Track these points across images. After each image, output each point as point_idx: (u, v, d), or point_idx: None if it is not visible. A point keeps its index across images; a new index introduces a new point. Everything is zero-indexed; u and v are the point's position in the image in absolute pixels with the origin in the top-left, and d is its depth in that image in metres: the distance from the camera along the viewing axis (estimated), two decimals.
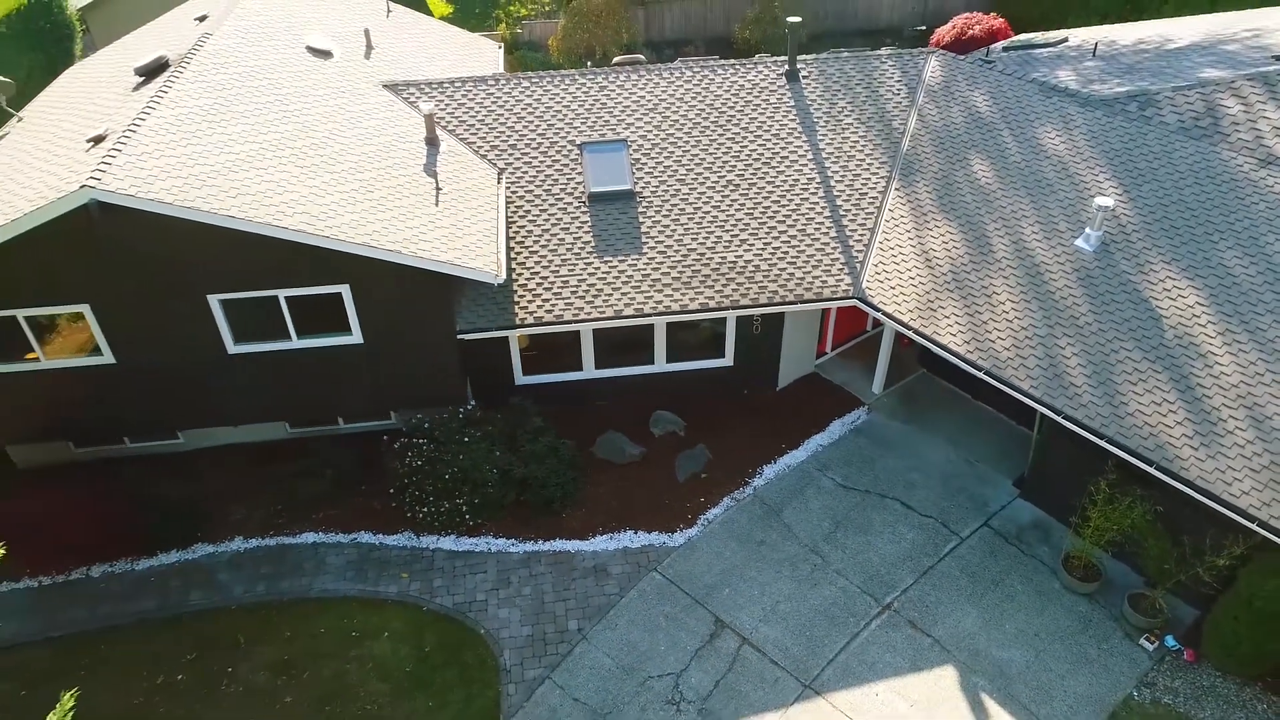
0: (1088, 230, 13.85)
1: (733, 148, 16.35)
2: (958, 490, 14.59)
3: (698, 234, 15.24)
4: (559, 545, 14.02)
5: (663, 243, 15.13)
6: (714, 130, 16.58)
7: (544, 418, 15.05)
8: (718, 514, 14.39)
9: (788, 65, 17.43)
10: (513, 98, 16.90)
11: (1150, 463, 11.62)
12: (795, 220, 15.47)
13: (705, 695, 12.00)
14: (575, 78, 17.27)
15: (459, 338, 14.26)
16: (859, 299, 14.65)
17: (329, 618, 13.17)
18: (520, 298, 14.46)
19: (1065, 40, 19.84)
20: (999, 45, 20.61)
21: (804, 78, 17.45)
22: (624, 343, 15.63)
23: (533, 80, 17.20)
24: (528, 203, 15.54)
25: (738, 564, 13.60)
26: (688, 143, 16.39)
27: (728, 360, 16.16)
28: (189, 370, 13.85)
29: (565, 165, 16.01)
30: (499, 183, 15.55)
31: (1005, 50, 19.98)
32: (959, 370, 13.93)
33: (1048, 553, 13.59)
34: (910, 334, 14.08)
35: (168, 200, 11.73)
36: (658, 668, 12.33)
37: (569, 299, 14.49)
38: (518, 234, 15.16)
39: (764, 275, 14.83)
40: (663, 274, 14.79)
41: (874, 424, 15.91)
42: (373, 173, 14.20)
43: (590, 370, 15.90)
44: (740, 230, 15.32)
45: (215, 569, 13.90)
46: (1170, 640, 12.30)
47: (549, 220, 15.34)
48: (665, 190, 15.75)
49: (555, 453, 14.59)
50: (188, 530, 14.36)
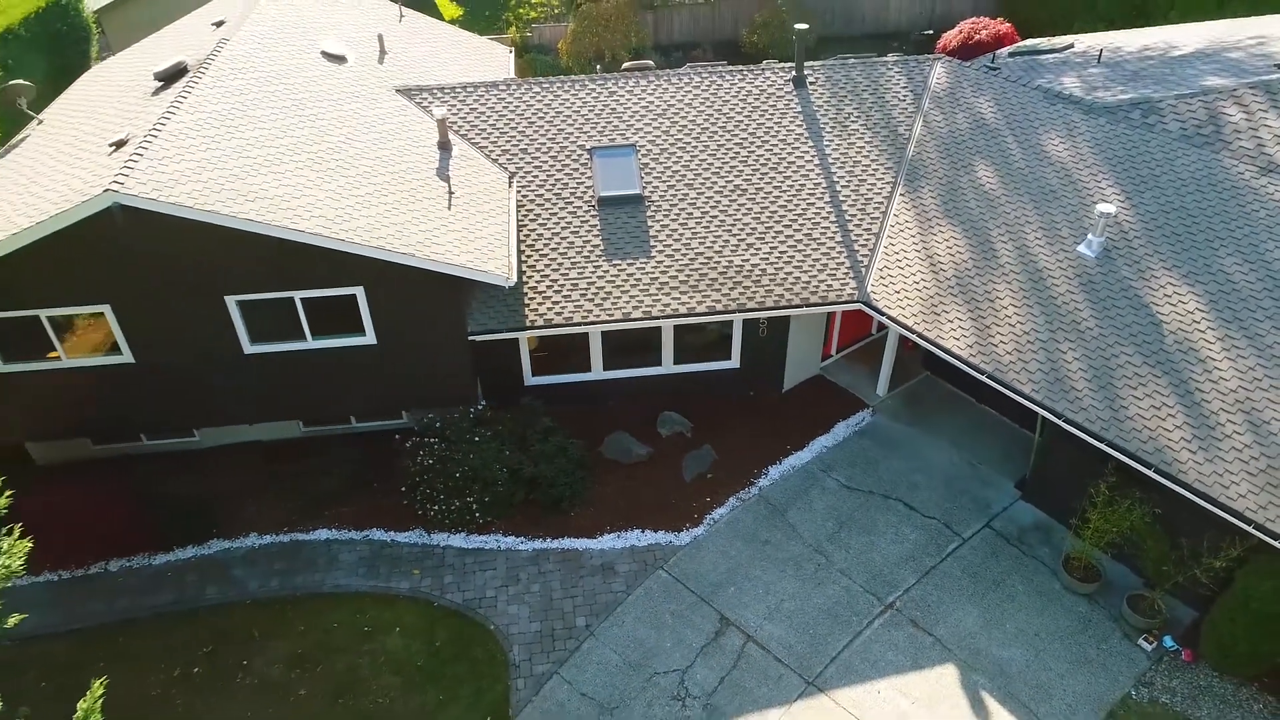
0: (1090, 236, 14.04)
1: (740, 153, 16.59)
2: (960, 492, 14.79)
3: (705, 238, 15.48)
4: (567, 543, 14.27)
5: (670, 246, 15.37)
6: (721, 135, 16.82)
7: (553, 418, 15.30)
8: (723, 514, 14.63)
9: (795, 71, 17.65)
10: (523, 103, 17.16)
11: (1149, 466, 11.82)
12: (801, 225, 15.70)
13: (710, 691, 12.24)
14: (585, 83, 17.52)
15: (470, 339, 14.52)
16: (864, 303, 14.87)
17: (342, 612, 13.45)
18: (530, 300, 14.71)
19: (1071, 46, 19.99)
20: (1005, 50, 20.78)
21: (811, 84, 17.68)
22: (632, 344, 15.87)
23: (543, 85, 17.46)
24: (538, 206, 15.80)
25: (743, 563, 13.84)
26: (696, 148, 16.63)
27: (734, 362, 16.39)
28: (206, 370, 14.12)
29: (575, 169, 16.26)
30: (510, 186, 15.81)
31: (1011, 56, 20.14)
32: (962, 373, 14.12)
33: (1048, 554, 13.79)
34: (914, 338, 14.29)
35: (188, 204, 12.01)
36: (664, 664, 12.58)
37: (578, 301, 14.74)
38: (528, 237, 15.42)
39: (770, 279, 15.06)
40: (670, 277, 15.03)
41: (878, 426, 16.12)
42: (387, 177, 14.48)
43: (599, 371, 16.16)
44: (747, 234, 15.55)
45: (230, 564, 14.19)
46: (1169, 640, 12.50)
47: (559, 224, 15.59)
48: (673, 195, 16.00)
49: (564, 452, 14.84)
50: (203, 526, 14.66)
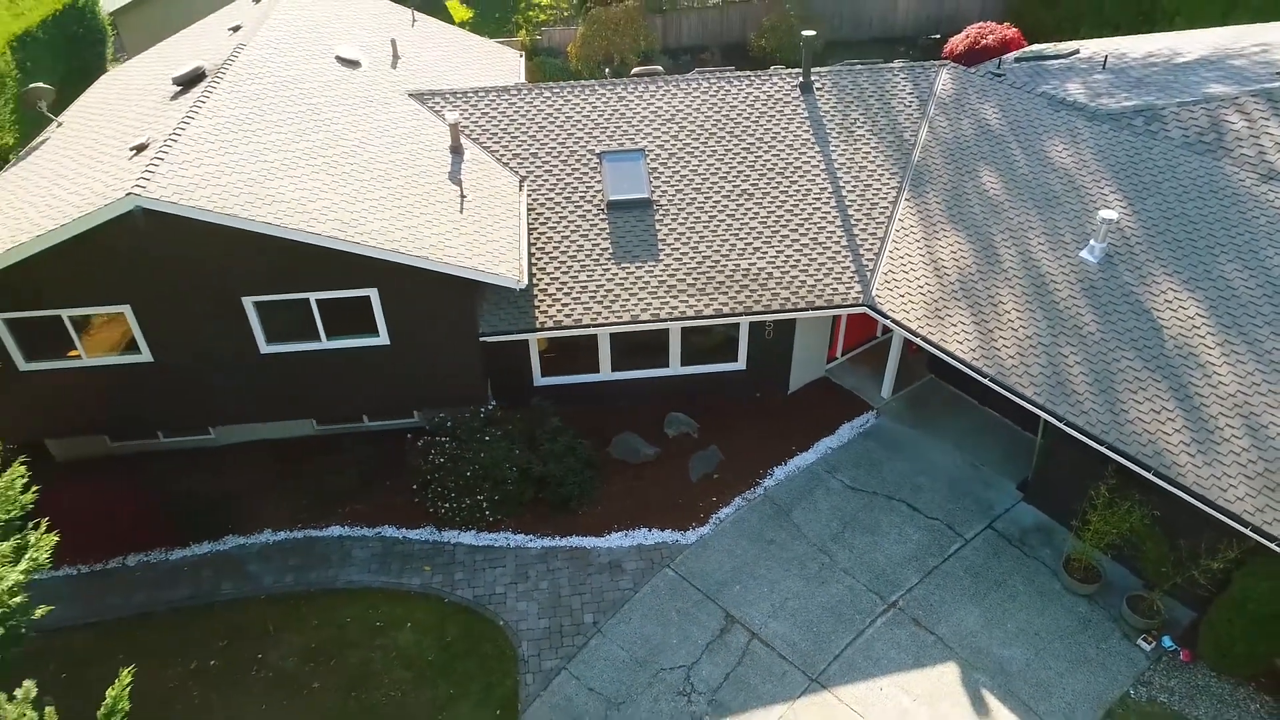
0: (1092, 242, 14.24)
1: (747, 157, 16.81)
2: (963, 493, 15.00)
3: (712, 241, 15.71)
4: (575, 541, 14.51)
5: (678, 250, 15.61)
6: (729, 140, 17.05)
7: (562, 418, 15.53)
8: (729, 513, 14.85)
9: (802, 77, 17.87)
10: (534, 107, 17.42)
11: (1148, 469, 12.02)
12: (808, 229, 15.92)
13: (715, 687, 12.47)
14: (595, 88, 17.77)
15: (481, 340, 14.78)
16: (869, 307, 15.09)
17: (354, 608, 13.71)
18: (540, 302, 14.96)
19: (1076, 52, 20.14)
20: (1011, 56, 20.94)
21: (818, 89, 17.89)
22: (640, 346, 16.12)
23: (554, 90, 17.72)
24: (548, 210, 16.05)
25: (748, 562, 14.06)
26: (704, 152, 16.86)
27: (740, 364, 16.62)
28: (222, 369, 14.41)
29: (585, 173, 16.51)
30: (520, 190, 16.07)
31: (1017, 61, 20.31)
32: (965, 376, 14.33)
33: (1050, 555, 13.99)
34: (918, 341, 14.50)
35: (207, 207, 12.30)
36: (670, 660, 12.81)
37: (587, 303, 14.98)
38: (538, 240, 15.67)
39: (776, 282, 15.28)
40: (678, 280, 15.27)
41: (882, 428, 16.33)
42: (400, 180, 14.75)
43: (607, 372, 16.40)
44: (754, 238, 15.78)
45: (245, 560, 14.46)
46: (1167, 641, 12.69)
47: (568, 227, 15.84)
48: (681, 199, 16.23)
49: (573, 452, 15.08)
50: (219, 523, 14.94)
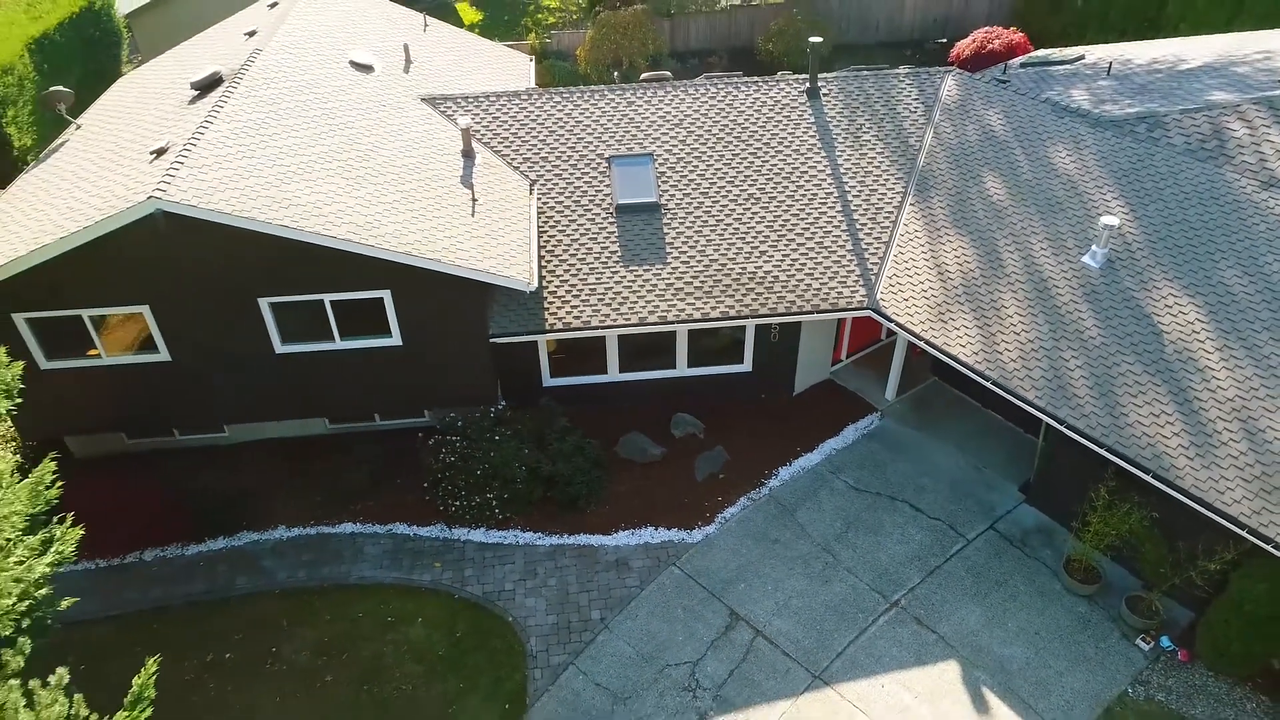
0: (1094, 248, 14.43)
1: (754, 162, 17.04)
2: (965, 495, 15.20)
3: (719, 245, 15.95)
4: (583, 539, 14.75)
5: (686, 253, 15.85)
6: (737, 145, 17.28)
7: (570, 418, 15.79)
8: (734, 513, 15.08)
9: (809, 83, 18.10)
10: (544, 111, 17.67)
11: (1148, 471, 12.22)
12: (813, 233, 16.14)
13: (720, 683, 12.70)
14: (604, 93, 18.02)
15: (491, 341, 15.04)
16: (873, 310, 15.31)
17: (366, 603, 13.96)
18: (550, 304, 15.22)
19: (1081, 58, 20.32)
20: (1017, 61, 21.13)
21: (824, 95, 18.11)
22: (647, 348, 16.36)
23: (563, 95, 17.97)
24: (558, 213, 16.31)
25: (753, 560, 14.29)
26: (711, 157, 17.09)
27: (746, 366, 16.86)
28: (238, 368, 14.69)
29: (594, 177, 16.76)
30: (531, 194, 16.33)
31: (1023, 66, 20.50)
32: (968, 379, 14.53)
33: (1050, 556, 14.19)
34: (922, 344, 14.72)
35: (226, 211, 12.59)
36: (675, 656, 13.04)
37: (596, 306, 15.23)
38: (548, 243, 15.93)
39: (782, 286, 15.51)
40: (685, 283, 15.51)
41: (886, 429, 16.55)
42: (413, 184, 15.01)
43: (615, 373, 16.64)
44: (760, 242, 16.01)
45: (259, 555, 14.72)
46: (1165, 641, 12.88)
47: (578, 230, 16.09)
48: (689, 202, 16.47)
49: (581, 451, 15.32)
50: (233, 519, 15.20)
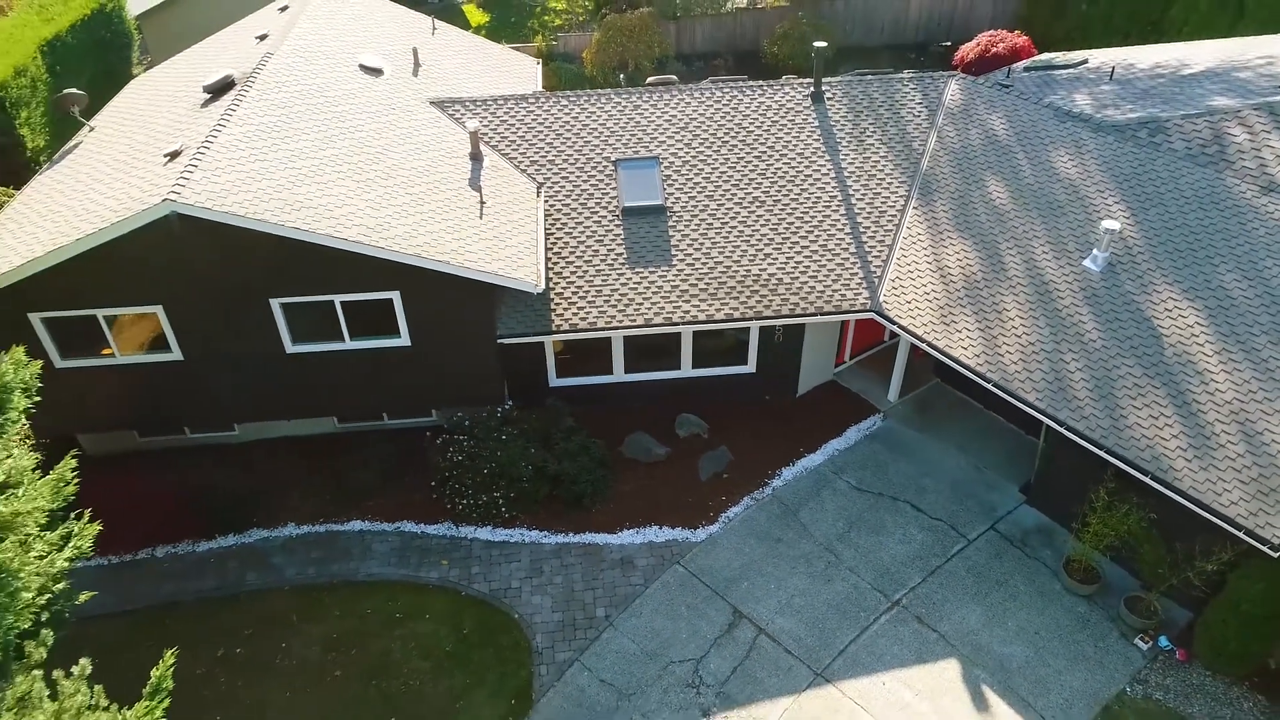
0: (1095, 251, 14.59)
1: (759, 165, 17.22)
2: (967, 495, 15.36)
3: (724, 248, 16.13)
4: (588, 538, 14.94)
5: (691, 255, 16.03)
6: (742, 148, 17.45)
7: (576, 418, 15.98)
8: (738, 512, 15.26)
9: (813, 86, 18.27)
10: (552, 115, 17.87)
11: (1146, 473, 12.38)
12: (817, 236, 16.31)
13: (723, 680, 12.88)
14: (611, 97, 18.21)
15: (499, 342, 15.24)
16: (876, 312, 15.47)
17: (375, 599, 14.17)
18: (556, 305, 15.41)
19: (1085, 62, 20.42)
20: (1021, 65, 21.26)
21: (828, 99, 18.28)
22: (652, 349, 16.54)
23: (570, 99, 18.17)
24: (565, 216, 16.50)
25: (756, 559, 14.47)
26: (717, 160, 17.28)
27: (750, 367, 17.03)
28: (249, 367, 14.91)
29: (600, 180, 16.95)
30: (538, 196, 16.53)
31: (1027, 70, 20.62)
32: (970, 381, 14.69)
33: (1050, 556, 14.34)
34: (924, 347, 14.88)
35: (240, 213, 12.80)
36: (679, 653, 13.23)
37: (602, 307, 15.42)
38: (555, 245, 16.12)
39: (786, 288, 15.68)
40: (690, 285, 15.69)
41: (889, 430, 16.71)
42: (422, 187, 15.21)
43: (620, 374, 16.83)
44: (765, 245, 16.19)
45: (269, 552, 14.95)
46: (1164, 640, 13.03)
47: (584, 232, 16.28)
48: (694, 205, 16.65)
49: (586, 451, 15.52)
50: (244, 516, 15.42)
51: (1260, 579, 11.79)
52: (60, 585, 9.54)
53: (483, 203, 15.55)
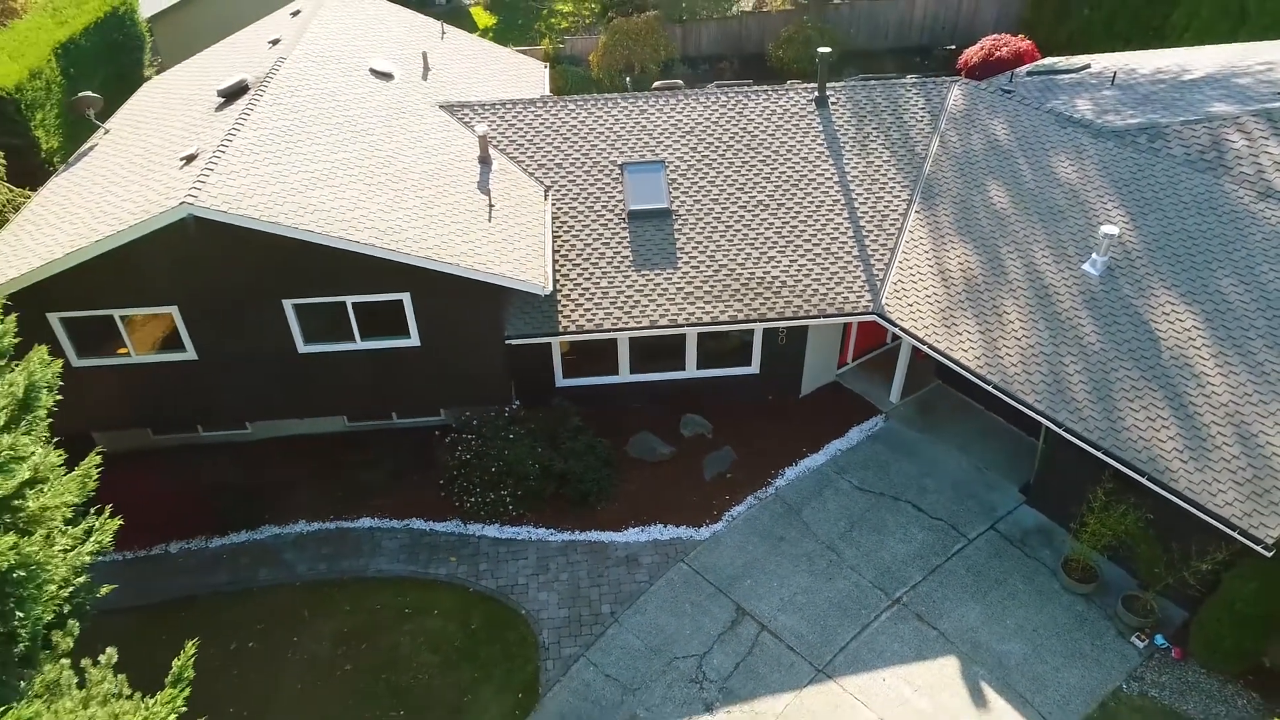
0: (1094, 256, 14.80)
1: (764, 169, 17.46)
2: (967, 495, 15.58)
3: (729, 250, 16.37)
4: (594, 536, 15.18)
5: (696, 258, 16.27)
6: (747, 153, 17.69)
7: (582, 418, 16.22)
8: (741, 511, 15.50)
9: (817, 91, 18.50)
10: (559, 119, 18.12)
11: (1143, 474, 12.59)
12: (820, 239, 16.55)
13: (726, 676, 13.12)
14: (617, 101, 18.46)
15: (506, 342, 15.49)
16: (878, 315, 15.70)
17: (384, 595, 14.42)
18: (563, 307, 15.66)
19: (1087, 67, 20.62)
20: (1024, 69, 21.46)
21: (833, 103, 18.51)
22: (658, 350, 16.78)
23: (577, 103, 18.42)
24: (572, 218, 16.75)
25: (759, 557, 14.70)
26: (722, 164, 17.52)
27: (754, 368, 17.27)
28: (262, 367, 15.17)
29: (607, 184, 17.20)
30: (546, 199, 16.78)
31: (1029, 75, 20.82)
32: (971, 383, 14.91)
33: (1049, 555, 14.56)
34: (925, 349, 15.11)
35: (255, 216, 13.07)
36: (683, 649, 13.47)
37: (608, 309, 15.67)
38: (562, 247, 16.37)
39: (790, 290, 15.92)
40: (695, 287, 15.93)
41: (891, 431, 16.94)
42: (432, 190, 15.48)
43: (626, 375, 17.08)
44: (769, 248, 16.42)
45: (281, 549, 15.21)
46: (1160, 639, 13.25)
47: (591, 235, 16.54)
48: (699, 209, 16.89)
49: (592, 450, 15.76)
50: (255, 513, 15.69)
51: (1254, 578, 12.01)
52: (81, 579, 9.81)
53: (491, 206, 15.80)
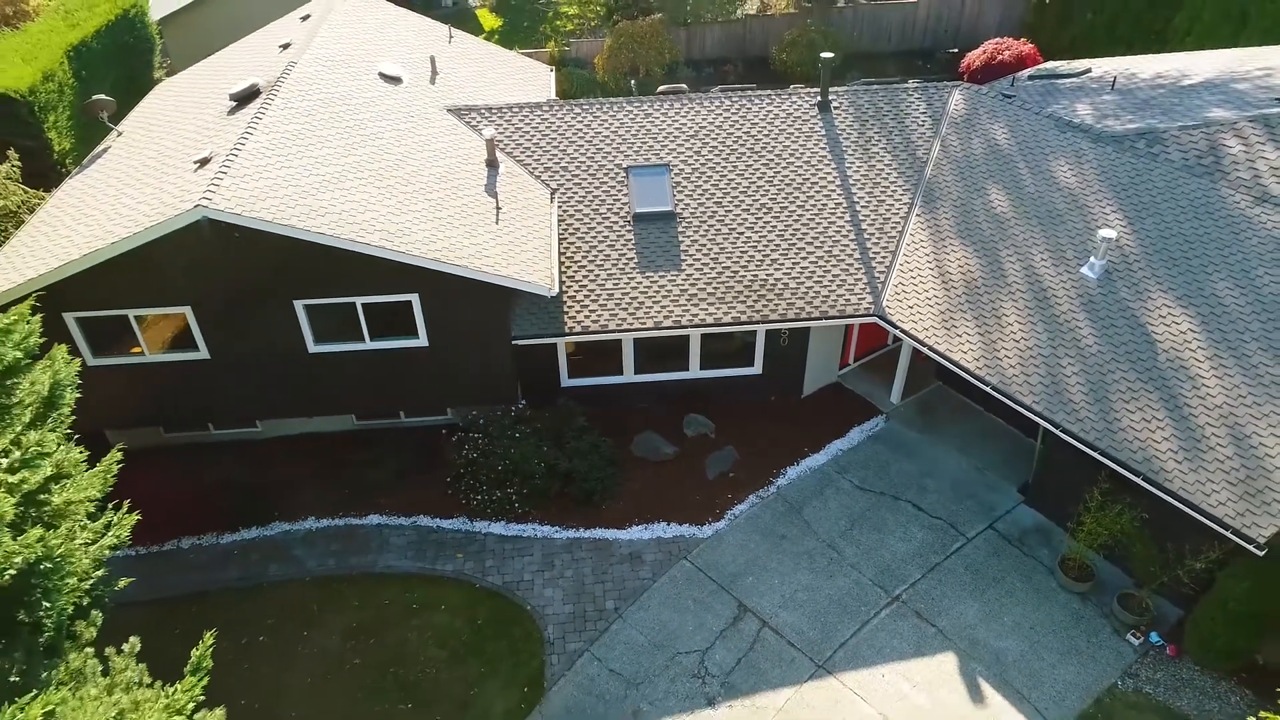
0: (1092, 259, 15.01)
1: (767, 173, 17.69)
2: (966, 495, 15.80)
3: (732, 253, 16.60)
4: (598, 533, 15.42)
5: (700, 260, 16.51)
6: (750, 156, 17.93)
7: (587, 417, 16.45)
8: (743, 510, 15.72)
9: (820, 96, 18.72)
10: (565, 123, 18.37)
11: (1139, 474, 12.80)
12: (823, 242, 16.78)
13: (728, 671, 13.36)
14: (622, 105, 18.70)
15: (513, 343, 15.74)
16: (879, 317, 15.93)
17: (392, 591, 14.67)
18: (569, 308, 15.91)
19: (1088, 70, 20.81)
20: (1025, 73, 21.66)
21: (835, 108, 18.74)
22: (662, 351, 17.02)
23: (583, 107, 18.67)
24: (578, 221, 17.00)
25: (760, 555, 14.93)
26: (725, 168, 17.75)
27: (757, 369, 17.50)
28: (273, 366, 15.44)
29: (612, 187, 17.45)
30: (552, 202, 17.03)
31: (1031, 79, 21.03)
32: (971, 384, 15.13)
33: (1047, 554, 14.77)
34: (926, 350, 15.33)
35: (267, 219, 13.33)
36: (686, 645, 13.70)
37: (613, 310, 15.91)
38: (568, 249, 16.62)
39: (792, 293, 16.15)
40: (699, 289, 16.17)
41: (891, 431, 17.16)
42: (441, 193, 15.73)
43: (630, 375, 17.31)
44: (771, 250, 16.66)
45: (290, 545, 15.46)
46: (1154, 636, 13.46)
47: (596, 237, 16.78)
48: (703, 212, 17.13)
49: (597, 449, 16.00)
50: (266, 510, 15.94)
51: (1247, 577, 12.21)
52: (100, 572, 10.08)
53: (499, 208, 16.05)
